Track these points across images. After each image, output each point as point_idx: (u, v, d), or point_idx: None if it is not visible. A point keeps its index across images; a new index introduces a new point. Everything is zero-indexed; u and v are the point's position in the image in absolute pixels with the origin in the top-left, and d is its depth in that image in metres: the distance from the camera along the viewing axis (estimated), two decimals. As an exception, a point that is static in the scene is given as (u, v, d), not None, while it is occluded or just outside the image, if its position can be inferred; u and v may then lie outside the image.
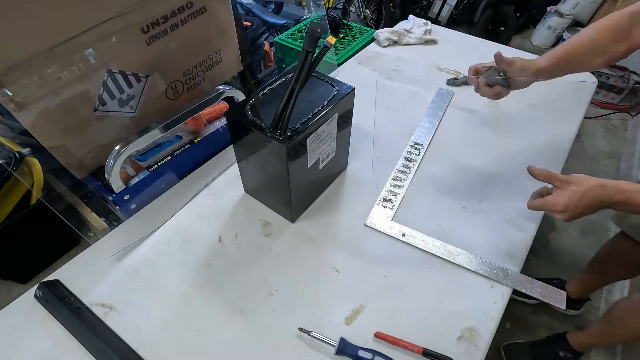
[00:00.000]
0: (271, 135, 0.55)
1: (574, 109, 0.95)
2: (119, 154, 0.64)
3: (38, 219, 1.29)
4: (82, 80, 0.57)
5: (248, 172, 0.70)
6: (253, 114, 0.59)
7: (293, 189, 0.62)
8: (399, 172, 0.79)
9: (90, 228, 0.69)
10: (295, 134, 0.55)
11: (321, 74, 0.67)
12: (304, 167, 0.63)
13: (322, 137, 0.62)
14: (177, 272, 0.63)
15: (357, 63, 1.13)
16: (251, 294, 0.60)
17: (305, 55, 0.53)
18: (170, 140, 0.81)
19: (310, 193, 0.72)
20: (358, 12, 2.88)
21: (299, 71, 0.54)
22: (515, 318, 1.31)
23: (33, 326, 0.56)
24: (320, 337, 0.53)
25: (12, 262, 1.35)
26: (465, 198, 0.74)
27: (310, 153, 0.61)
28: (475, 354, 0.53)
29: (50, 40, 0.51)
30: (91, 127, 0.63)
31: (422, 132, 0.88)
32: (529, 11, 2.90)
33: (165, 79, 0.70)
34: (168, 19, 0.63)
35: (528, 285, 0.61)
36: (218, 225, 0.70)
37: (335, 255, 0.65)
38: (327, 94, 0.62)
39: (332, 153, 0.69)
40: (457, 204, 0.73)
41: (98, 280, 0.62)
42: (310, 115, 0.58)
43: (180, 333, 0.56)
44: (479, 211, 0.72)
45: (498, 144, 0.86)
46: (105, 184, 0.67)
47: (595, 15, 2.69)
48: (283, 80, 0.66)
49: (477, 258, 0.64)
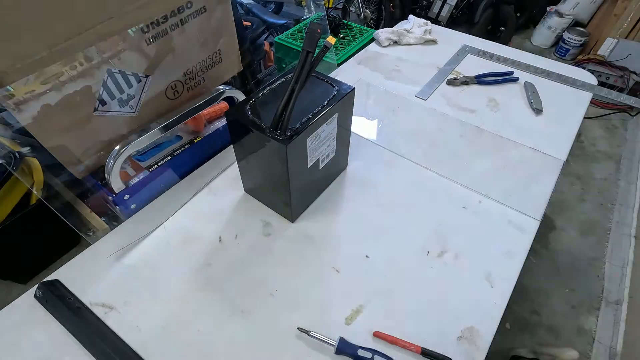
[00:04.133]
0: (271, 135, 0.55)
1: (574, 108, 0.95)
2: (119, 154, 0.64)
3: (38, 219, 1.29)
4: (82, 81, 0.57)
5: (248, 172, 0.70)
6: (253, 114, 0.58)
7: (293, 189, 0.62)
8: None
9: (90, 228, 0.69)
10: (295, 134, 0.55)
11: (321, 74, 0.67)
12: (304, 167, 0.63)
13: (322, 137, 0.62)
14: (177, 272, 0.63)
15: (357, 63, 1.13)
16: (251, 294, 0.60)
17: (306, 56, 0.53)
18: (170, 140, 0.81)
19: (310, 193, 0.72)
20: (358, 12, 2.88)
21: (299, 71, 0.54)
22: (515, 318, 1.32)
23: (33, 326, 0.56)
24: (320, 336, 0.53)
25: (12, 262, 1.35)
26: (465, 198, 0.74)
27: (310, 153, 0.61)
28: (475, 354, 0.53)
29: (50, 40, 0.51)
30: (91, 127, 0.63)
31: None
32: (529, 11, 2.91)
33: (165, 79, 0.70)
34: (168, 19, 0.63)
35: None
36: (218, 225, 0.70)
37: (335, 255, 0.65)
38: (327, 94, 0.62)
39: (332, 153, 0.69)
40: (456, 204, 0.73)
41: (98, 280, 0.62)
42: (310, 115, 0.58)
43: (180, 333, 0.56)
44: (478, 211, 0.72)
45: (498, 143, 0.86)
46: (105, 184, 0.67)
47: (595, 15, 2.68)
48: (283, 80, 0.66)
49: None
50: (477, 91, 1.02)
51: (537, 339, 1.27)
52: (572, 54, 2.66)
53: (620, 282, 1.43)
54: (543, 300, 1.37)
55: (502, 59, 1.12)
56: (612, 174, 1.89)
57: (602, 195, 1.79)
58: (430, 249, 0.66)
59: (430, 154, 0.83)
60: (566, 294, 1.40)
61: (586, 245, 1.57)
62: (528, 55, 1.14)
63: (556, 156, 0.82)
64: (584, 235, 1.61)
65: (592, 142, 2.08)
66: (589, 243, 1.58)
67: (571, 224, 1.65)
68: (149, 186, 0.72)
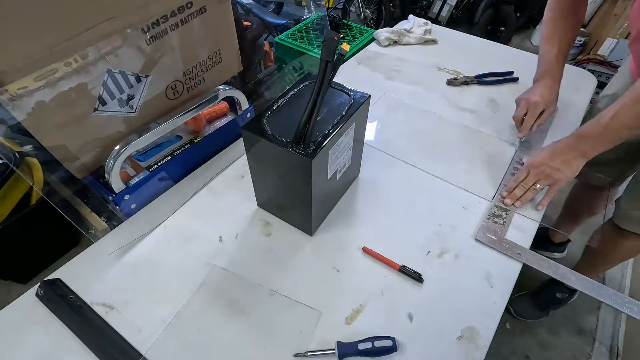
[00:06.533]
0: (294, 151, 0.52)
1: (574, 108, 0.95)
2: (119, 154, 0.64)
3: (38, 219, 1.29)
4: (82, 80, 0.57)
5: (263, 187, 0.68)
6: (271, 128, 0.56)
7: (315, 203, 0.60)
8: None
9: (90, 227, 0.69)
10: (319, 148, 0.53)
11: (334, 83, 0.64)
12: (324, 180, 0.61)
13: (341, 147, 0.60)
14: (177, 272, 0.63)
15: (357, 63, 1.13)
16: (251, 294, 0.60)
17: (325, 66, 0.51)
18: (170, 140, 0.81)
19: (327, 204, 0.70)
20: (358, 12, 2.88)
21: (320, 83, 0.51)
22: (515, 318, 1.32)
23: (35, 324, 0.56)
24: (318, 352, 0.53)
25: (12, 262, 1.35)
26: (465, 198, 0.74)
27: (330, 165, 0.59)
28: (475, 354, 0.54)
29: (50, 40, 0.51)
30: (91, 126, 0.63)
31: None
32: (529, 11, 2.91)
33: (165, 79, 0.70)
34: (168, 19, 0.64)
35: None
36: (218, 225, 0.70)
37: (336, 255, 0.65)
38: (344, 103, 0.60)
39: (348, 162, 0.68)
40: (456, 204, 0.73)
41: (99, 279, 0.62)
42: (330, 127, 0.56)
43: (180, 332, 0.56)
44: (478, 211, 0.72)
45: (497, 143, 0.86)
46: (105, 184, 0.67)
47: (595, 15, 2.69)
48: (295, 91, 0.63)
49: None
50: (477, 91, 1.02)
51: (537, 339, 1.27)
52: (572, 54, 2.66)
53: (620, 282, 1.43)
54: (543, 300, 1.37)
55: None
56: (612, 174, 1.89)
57: (602, 195, 1.78)
58: (430, 249, 0.66)
59: (430, 155, 0.83)
60: (566, 293, 1.40)
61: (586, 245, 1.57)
62: (528, 55, 1.14)
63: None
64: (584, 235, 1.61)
65: (592, 142, 2.07)
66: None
67: (571, 224, 1.65)
68: (149, 186, 0.72)
